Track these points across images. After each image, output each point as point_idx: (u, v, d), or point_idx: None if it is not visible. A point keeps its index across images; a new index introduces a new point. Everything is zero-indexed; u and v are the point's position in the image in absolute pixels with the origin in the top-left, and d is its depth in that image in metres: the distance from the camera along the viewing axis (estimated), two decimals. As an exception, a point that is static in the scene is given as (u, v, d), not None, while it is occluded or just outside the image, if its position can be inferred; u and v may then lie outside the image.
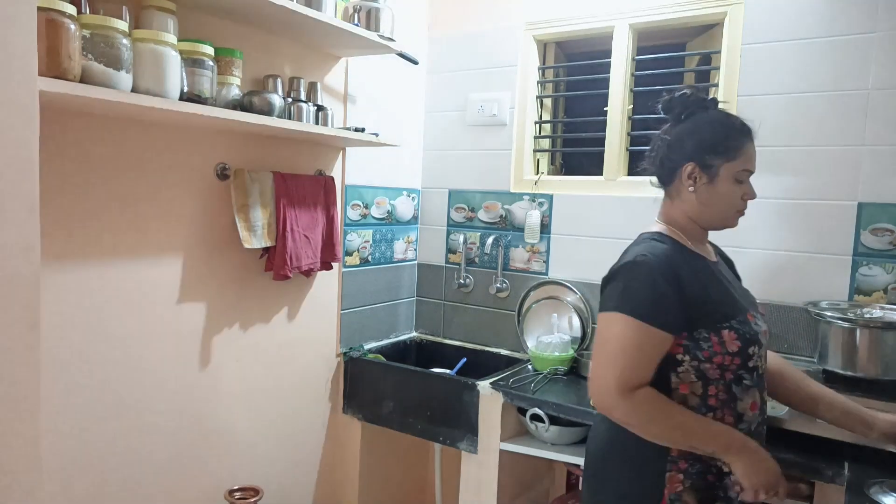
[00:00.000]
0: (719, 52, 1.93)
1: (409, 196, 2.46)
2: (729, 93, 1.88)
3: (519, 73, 2.27)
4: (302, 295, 2.02)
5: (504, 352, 2.32)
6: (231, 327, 1.79)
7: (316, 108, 1.76)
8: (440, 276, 2.48)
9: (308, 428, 2.11)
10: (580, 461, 1.78)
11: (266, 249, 1.79)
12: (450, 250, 2.46)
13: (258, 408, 1.91)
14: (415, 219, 2.50)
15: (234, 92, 1.50)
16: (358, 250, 2.22)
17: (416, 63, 2.11)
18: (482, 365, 2.31)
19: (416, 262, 2.53)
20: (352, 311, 2.22)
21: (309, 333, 2.06)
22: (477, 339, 2.39)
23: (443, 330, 2.49)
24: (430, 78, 2.45)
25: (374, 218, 2.28)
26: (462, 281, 2.39)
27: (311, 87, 1.79)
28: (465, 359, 2.33)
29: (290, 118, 1.65)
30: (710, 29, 2.04)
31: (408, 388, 2.04)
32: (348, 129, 1.80)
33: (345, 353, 2.19)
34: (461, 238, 2.37)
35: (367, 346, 2.27)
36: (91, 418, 1.47)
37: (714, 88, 1.96)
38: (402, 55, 1.99)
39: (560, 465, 2.21)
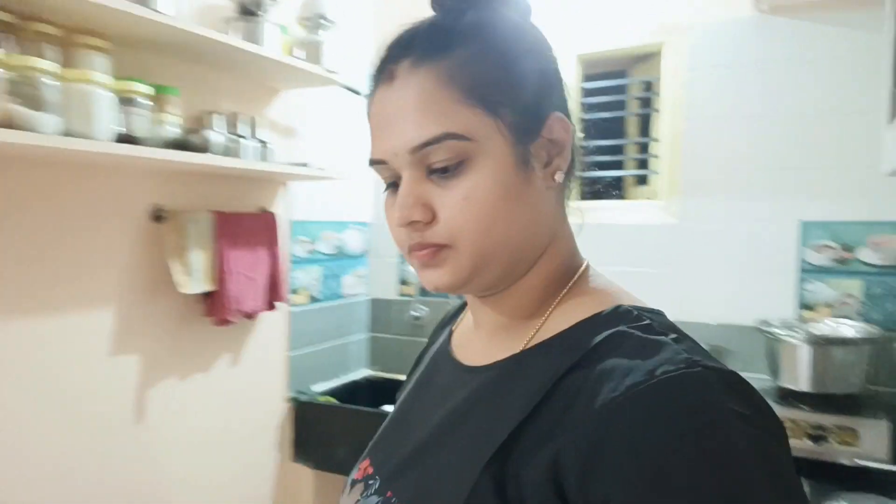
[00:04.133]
0: (658, 79, 2.06)
1: (357, 229, 2.47)
2: (676, 118, 2.00)
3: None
4: (246, 339, 1.99)
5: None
6: (169, 378, 1.74)
7: (258, 142, 1.77)
8: (393, 309, 2.49)
9: (256, 480, 2.06)
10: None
11: (206, 294, 1.77)
12: (402, 282, 2.48)
13: (201, 462, 1.86)
14: (365, 252, 2.52)
15: (172, 130, 1.50)
16: (306, 288, 2.21)
17: (359, 94, 2.15)
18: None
19: (366, 297, 2.54)
20: (301, 352, 2.20)
21: (254, 379, 2.03)
22: (433, 375, 2.40)
23: (399, 365, 2.49)
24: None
25: (321, 253, 2.28)
26: (416, 313, 2.41)
27: (252, 122, 1.80)
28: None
29: (230, 155, 1.65)
30: (652, 57, 2.17)
31: (363, 430, 2.01)
32: (292, 164, 1.81)
33: (294, 398, 2.16)
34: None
35: (317, 388, 2.24)
36: (17, 484, 1.40)
37: (657, 114, 2.08)
38: (346, 87, 2.02)
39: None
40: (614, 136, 2.24)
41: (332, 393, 2.28)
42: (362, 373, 2.51)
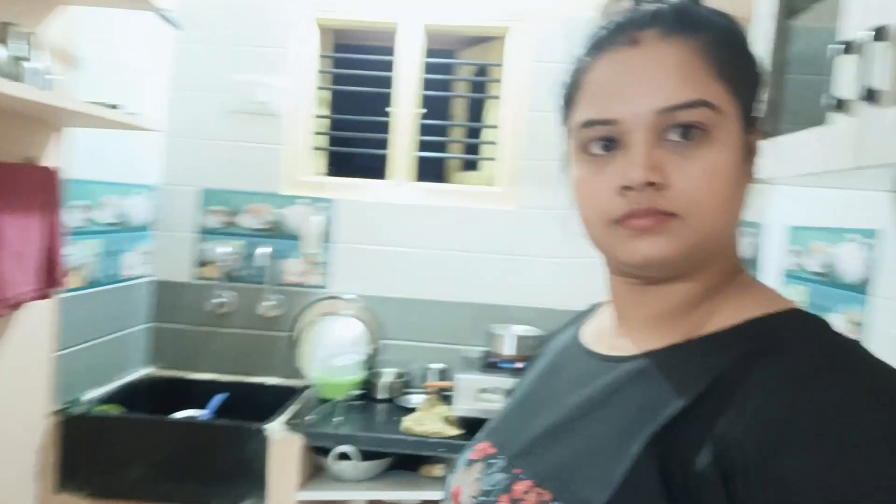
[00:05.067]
0: (499, 64, 2.09)
1: (144, 195, 2.01)
2: (519, 107, 2.04)
3: (296, 58, 2.07)
4: None
5: (274, 381, 2.09)
6: None
7: (42, 67, 1.29)
8: (187, 295, 2.10)
9: (8, 525, 1.55)
10: (393, 496, 1.72)
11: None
12: (201, 263, 2.10)
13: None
14: (150, 224, 2.07)
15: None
16: (80, 268, 1.72)
17: (178, 27, 1.73)
18: (248, 400, 2.03)
19: (150, 278, 2.09)
20: (72, 351, 1.71)
21: (6, 391, 1.51)
22: (239, 370, 2.10)
23: (190, 362, 2.11)
24: (182, 48, 2.05)
25: (99, 223, 1.80)
26: (219, 300, 2.07)
27: (28, 39, 1.31)
28: (224, 394, 2.01)
29: (7, 78, 1.17)
30: (488, 41, 2.18)
31: (156, 443, 1.67)
32: (96, 103, 1.37)
33: (62, 410, 1.67)
34: (219, 248, 2.05)
35: (89, 395, 1.78)
36: None
37: (496, 101, 2.11)
38: (163, 16, 1.60)
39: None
40: (438, 117, 2.21)
41: (109, 399, 1.83)
42: (142, 372, 2.07)
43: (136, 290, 2.02)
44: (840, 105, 0.83)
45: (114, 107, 1.40)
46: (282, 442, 1.65)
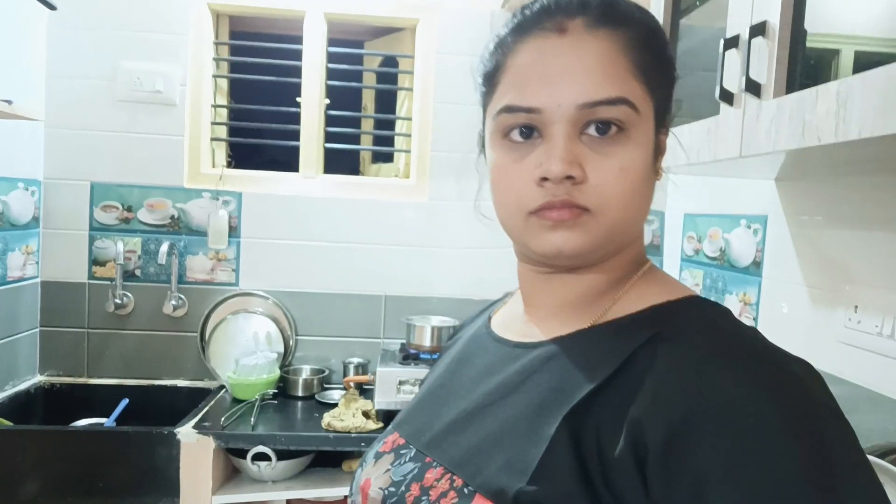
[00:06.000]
0: (410, 56, 2.09)
1: (27, 189, 1.86)
2: (425, 98, 2.05)
3: (191, 44, 1.97)
4: None
5: (183, 383, 2.01)
6: None
7: None
8: (81, 296, 1.97)
9: None
10: (314, 493, 1.70)
11: None
12: (95, 261, 1.97)
13: None
14: (35, 220, 1.92)
15: None
16: (-45, 271, 1.58)
17: (53, 8, 1.60)
18: (154, 404, 1.95)
19: (37, 279, 1.94)
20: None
21: None
22: (142, 373, 2.00)
23: (87, 367, 1.99)
24: (58, 31, 1.89)
25: (-24, 222, 1.66)
26: (119, 300, 1.95)
27: None
28: (125, 400, 1.91)
29: None
30: (394, 32, 2.17)
31: (62, 456, 1.56)
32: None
33: (-60, 428, 1.53)
34: (116, 245, 1.93)
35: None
36: None
37: (409, 93, 2.11)
38: (37, -6, 1.48)
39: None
40: (350, 109, 2.19)
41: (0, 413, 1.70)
42: (33, 380, 1.93)
43: (22, 292, 1.88)
44: (726, 97, 0.90)
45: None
46: (193, 445, 1.59)
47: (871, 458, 0.79)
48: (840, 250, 1.11)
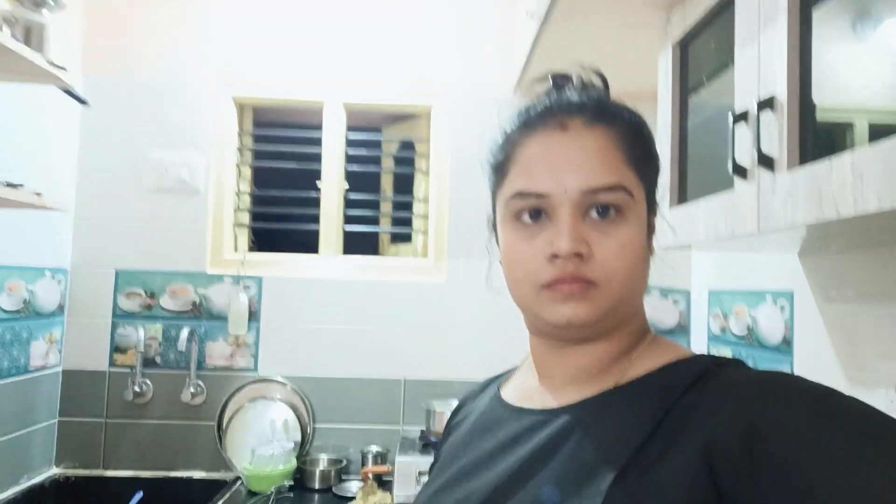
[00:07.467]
0: (423, 140, 2.14)
1: (53, 278, 1.91)
2: (441, 180, 2.08)
3: (214, 135, 2.06)
4: None
5: (199, 475, 1.96)
6: None
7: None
8: (101, 385, 1.97)
9: None
10: None
11: None
12: (118, 349, 1.98)
13: None
14: (61, 309, 1.95)
15: None
16: (-23, 361, 1.60)
17: (85, 104, 1.70)
18: (168, 497, 1.90)
19: (59, 368, 1.96)
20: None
21: None
22: (158, 464, 1.95)
23: (104, 458, 1.96)
24: (89, 125, 2.00)
25: (2, 311, 1.69)
26: (138, 388, 1.95)
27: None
28: (140, 493, 1.87)
29: None
30: (410, 118, 2.24)
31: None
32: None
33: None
34: (137, 332, 1.94)
35: (-16, 506, 1.61)
36: None
37: (425, 175, 2.15)
38: (70, 92, 1.58)
39: None
40: (369, 191, 2.23)
41: (8, 508, 1.66)
42: (48, 473, 1.90)
43: (43, 381, 1.88)
44: (739, 171, 0.89)
45: (17, 186, 1.35)
46: (204, 543, 1.53)
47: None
48: (873, 327, 1.05)
